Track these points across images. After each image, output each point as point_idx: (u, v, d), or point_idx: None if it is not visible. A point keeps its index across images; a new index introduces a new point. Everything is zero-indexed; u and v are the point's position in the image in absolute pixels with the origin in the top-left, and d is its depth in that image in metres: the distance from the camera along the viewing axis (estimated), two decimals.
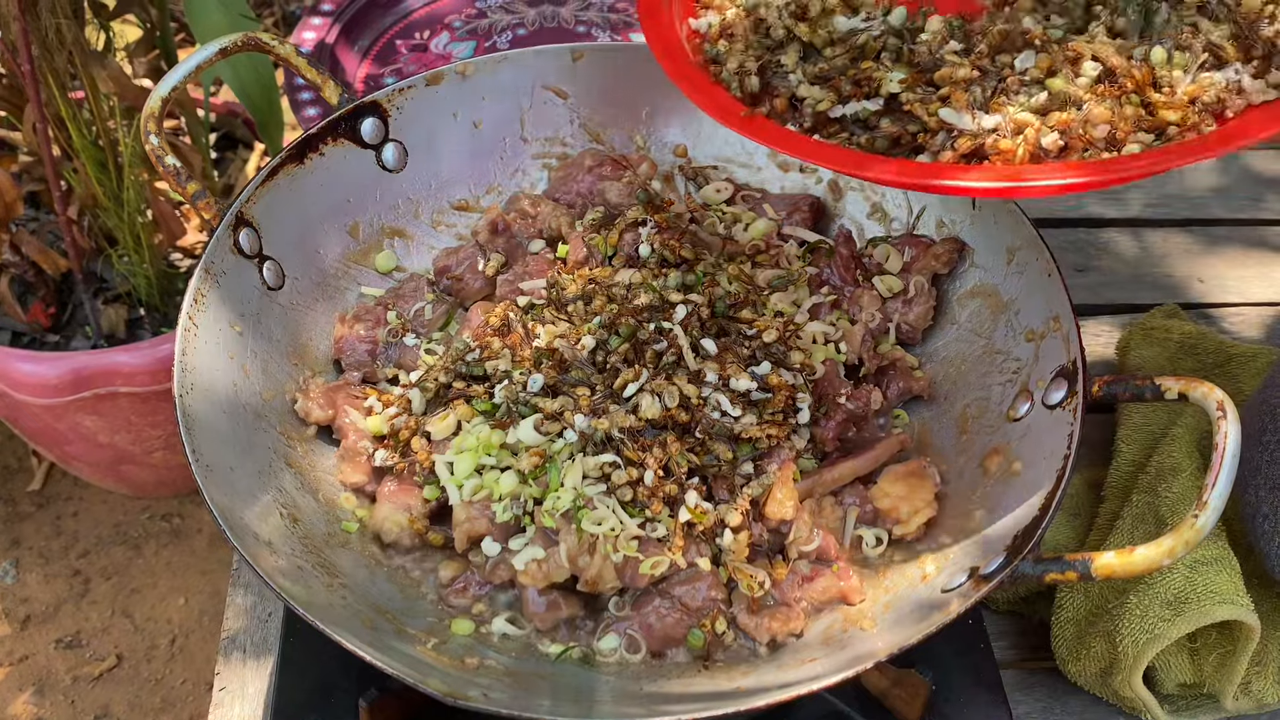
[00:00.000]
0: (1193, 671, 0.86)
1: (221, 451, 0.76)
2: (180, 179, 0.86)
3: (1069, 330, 0.80)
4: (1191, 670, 0.86)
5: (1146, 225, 1.28)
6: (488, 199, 1.01)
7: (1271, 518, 0.83)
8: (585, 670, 0.75)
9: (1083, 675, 0.87)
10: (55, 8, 1.19)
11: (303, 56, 0.92)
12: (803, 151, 0.78)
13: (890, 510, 0.82)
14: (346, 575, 0.76)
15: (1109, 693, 0.86)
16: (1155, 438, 0.97)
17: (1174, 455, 0.91)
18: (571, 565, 0.76)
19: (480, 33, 1.43)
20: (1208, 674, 0.85)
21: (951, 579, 0.74)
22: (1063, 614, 0.87)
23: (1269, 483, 0.83)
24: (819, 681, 0.65)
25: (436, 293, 0.94)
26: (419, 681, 0.65)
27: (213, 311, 0.81)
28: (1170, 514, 0.86)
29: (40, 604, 1.68)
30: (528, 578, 0.76)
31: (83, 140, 1.31)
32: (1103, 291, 1.21)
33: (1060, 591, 0.88)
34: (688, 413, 0.79)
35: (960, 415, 0.87)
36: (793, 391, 0.83)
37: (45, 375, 1.37)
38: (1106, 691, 0.87)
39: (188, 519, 1.79)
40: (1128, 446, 0.97)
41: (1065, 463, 0.74)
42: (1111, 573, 0.67)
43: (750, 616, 0.76)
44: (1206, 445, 0.91)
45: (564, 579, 0.76)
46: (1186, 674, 0.86)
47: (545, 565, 0.76)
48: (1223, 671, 0.84)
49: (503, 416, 0.81)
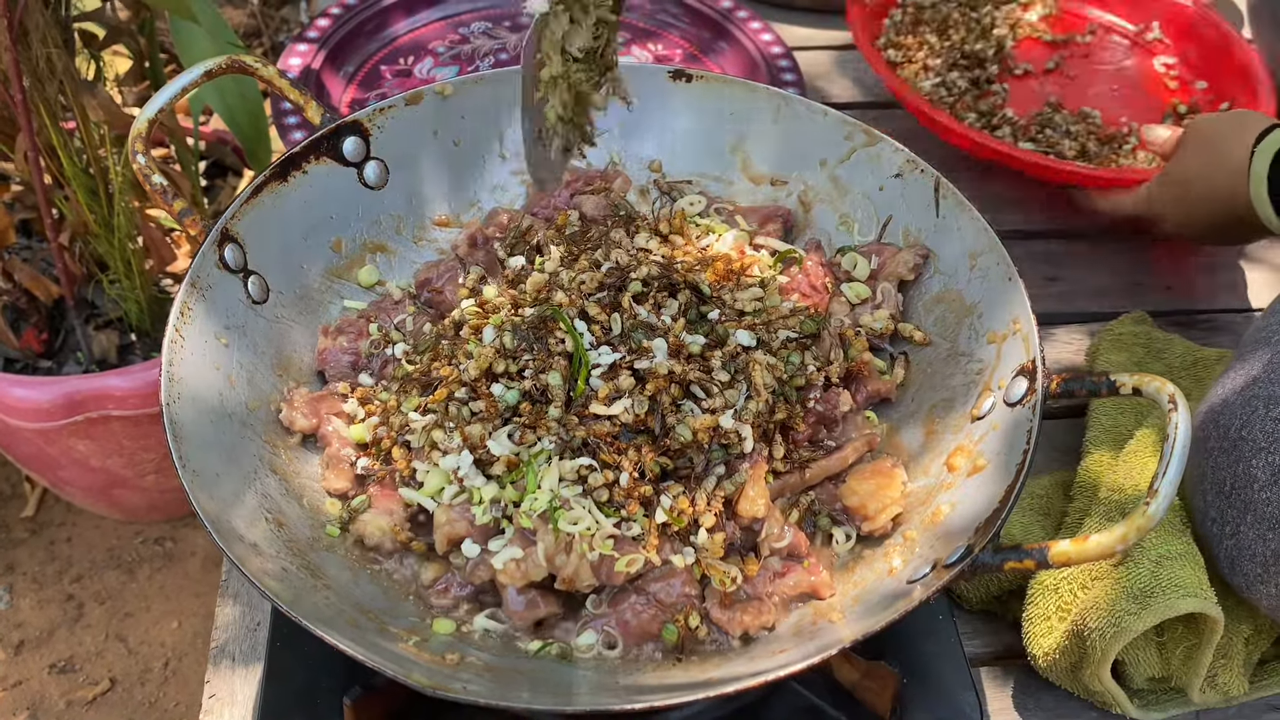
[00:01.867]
0: (1161, 665, 0.88)
1: (208, 458, 0.78)
2: (167, 197, 0.89)
3: (1029, 331, 0.83)
4: (1160, 664, 0.88)
5: (1115, 234, 1.30)
6: (468, 214, 1.04)
7: (1219, 521, 0.86)
8: (563, 665, 0.77)
9: (1054, 670, 0.88)
10: (46, 38, 1.22)
11: (285, 79, 0.95)
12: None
13: (859, 508, 0.84)
14: (331, 577, 0.78)
15: (1080, 687, 0.88)
16: (1123, 439, 0.99)
17: (1140, 455, 0.94)
18: (549, 564, 0.78)
19: (463, 58, 1.46)
20: (1175, 667, 0.87)
21: (917, 571, 0.76)
22: (1033, 610, 0.89)
23: (1215, 488, 0.86)
24: (788, 667, 0.67)
25: (418, 305, 0.97)
26: (402, 675, 0.67)
27: (199, 324, 0.84)
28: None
29: (34, 629, 1.69)
30: (506, 577, 0.78)
31: (74, 168, 1.33)
32: (1073, 300, 1.23)
33: (1031, 589, 0.90)
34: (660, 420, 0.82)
35: (927, 415, 0.90)
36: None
37: (38, 400, 1.38)
38: (1077, 686, 0.88)
39: (181, 543, 1.80)
40: (1095, 447, 0.99)
41: (1024, 457, 0.76)
42: (1068, 559, 0.69)
43: (723, 611, 0.78)
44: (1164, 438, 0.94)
45: (542, 578, 0.78)
46: (1155, 668, 0.87)
47: (523, 565, 0.78)
48: (1189, 665, 0.86)
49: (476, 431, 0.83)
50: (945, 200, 0.94)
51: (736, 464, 0.82)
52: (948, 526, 0.78)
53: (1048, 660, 0.88)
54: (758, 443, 0.83)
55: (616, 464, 0.80)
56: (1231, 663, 0.89)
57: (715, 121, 1.03)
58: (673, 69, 1.03)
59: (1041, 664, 0.88)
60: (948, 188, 0.94)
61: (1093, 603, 0.84)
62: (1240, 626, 0.89)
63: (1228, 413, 0.86)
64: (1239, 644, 0.89)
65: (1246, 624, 0.90)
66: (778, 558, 0.82)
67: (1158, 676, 0.88)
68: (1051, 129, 1.34)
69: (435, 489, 0.82)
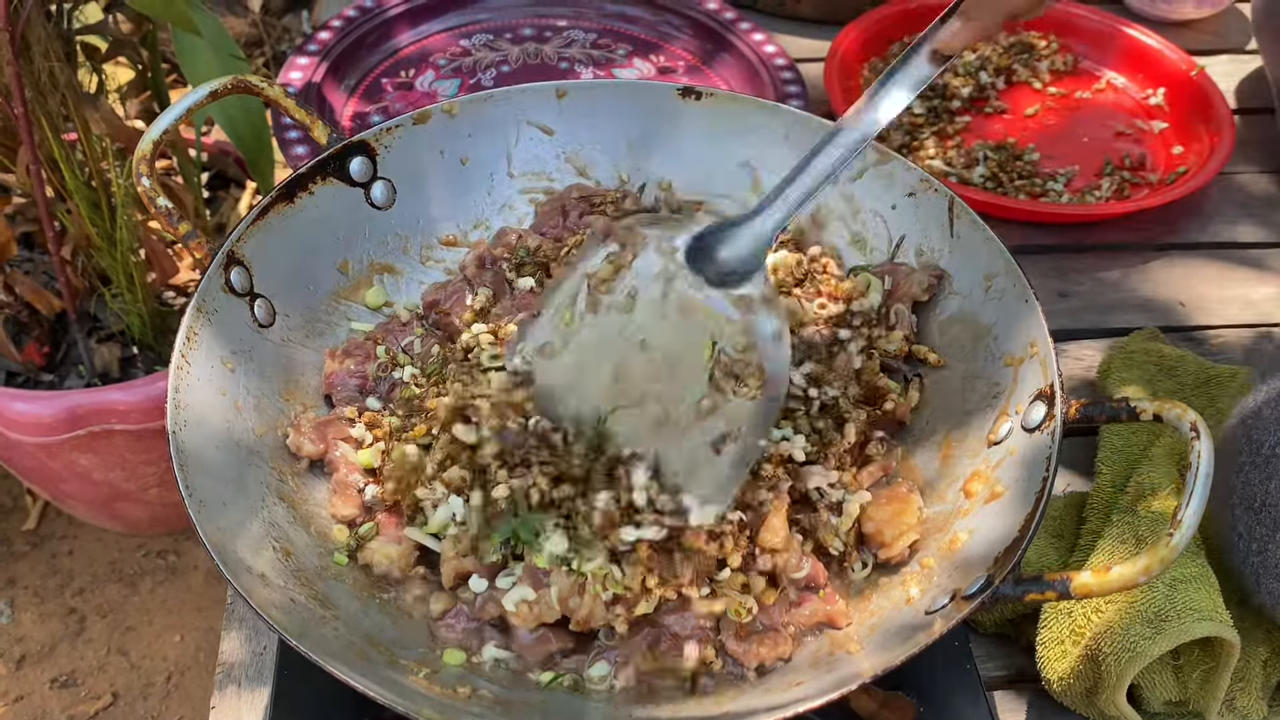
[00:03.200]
0: (1178, 689, 0.87)
1: (215, 487, 0.77)
2: (172, 220, 0.88)
3: (1046, 354, 0.82)
4: (1176, 688, 0.87)
5: (1126, 250, 1.30)
6: (475, 234, 1.03)
7: (1246, 537, 0.85)
8: (575, 698, 0.76)
9: (1069, 695, 0.87)
10: (48, 51, 1.21)
11: (291, 97, 0.94)
12: None
13: (875, 534, 0.83)
14: (339, 607, 0.77)
15: (1095, 712, 0.87)
16: (1134, 459, 0.98)
17: (1152, 476, 0.93)
18: (562, 606, 0.76)
19: (465, 70, 1.45)
20: (1192, 691, 0.86)
21: (935, 601, 0.75)
22: (1047, 634, 0.88)
23: (1244, 503, 0.85)
24: (806, 703, 0.67)
25: (425, 327, 0.96)
26: (412, 711, 0.66)
27: (205, 349, 0.83)
28: (1149, 533, 0.87)
29: (35, 643, 1.68)
30: (519, 619, 0.76)
31: (76, 181, 1.32)
32: (1084, 316, 1.22)
33: (1044, 613, 0.89)
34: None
35: (943, 440, 0.89)
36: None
37: (40, 414, 1.37)
38: (1093, 711, 0.87)
39: (183, 556, 1.79)
40: (1108, 468, 0.98)
41: (1044, 484, 0.75)
42: (1089, 591, 0.68)
43: (739, 643, 0.77)
44: (1184, 466, 0.93)
45: (555, 619, 0.77)
46: (1171, 691, 0.87)
47: (536, 607, 0.76)
48: (1206, 688, 0.85)
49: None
50: (959, 220, 0.93)
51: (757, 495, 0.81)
52: (966, 555, 0.77)
53: (1062, 685, 0.87)
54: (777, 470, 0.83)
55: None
56: (1250, 686, 0.88)
57: (725, 139, 1.02)
58: (682, 87, 1.02)
59: (1056, 689, 0.88)
60: (961, 207, 0.93)
61: (1107, 627, 0.83)
62: (1258, 649, 0.88)
63: (1260, 428, 0.85)
64: (1257, 667, 0.89)
65: (1264, 647, 0.89)
66: (794, 588, 0.81)
67: (1174, 700, 0.87)
68: (979, 162, 1.37)
69: (440, 525, 0.81)
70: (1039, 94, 1.50)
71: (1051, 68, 1.52)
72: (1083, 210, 1.29)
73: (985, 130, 1.43)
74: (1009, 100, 1.48)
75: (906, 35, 1.53)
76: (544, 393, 0.80)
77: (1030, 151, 1.39)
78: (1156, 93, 1.49)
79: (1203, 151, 1.36)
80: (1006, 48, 1.53)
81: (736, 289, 0.75)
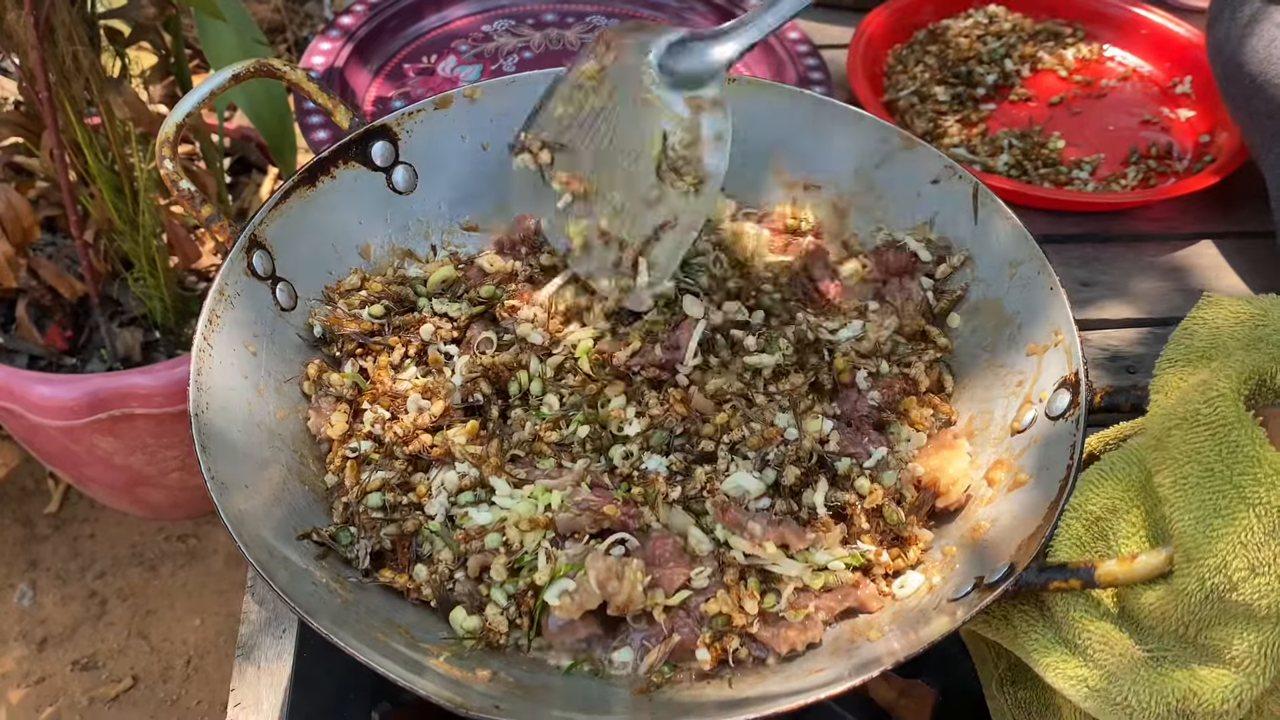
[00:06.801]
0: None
1: (236, 469, 0.77)
2: (195, 203, 0.88)
3: (1071, 342, 0.81)
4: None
5: (1152, 240, 1.28)
6: (496, 219, 1.02)
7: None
8: (596, 682, 0.76)
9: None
10: (72, 35, 1.21)
11: (314, 81, 0.93)
12: None
13: (931, 481, 0.83)
14: (359, 589, 0.77)
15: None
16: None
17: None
18: (602, 591, 0.76)
19: (486, 56, 1.45)
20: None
21: (958, 589, 0.74)
22: None
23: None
24: (828, 689, 0.66)
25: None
26: (431, 693, 0.66)
27: (227, 332, 0.83)
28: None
29: (57, 625, 1.69)
30: (562, 612, 0.75)
31: (99, 166, 1.32)
32: (1108, 305, 1.21)
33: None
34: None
35: (965, 427, 0.88)
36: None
37: (62, 398, 1.38)
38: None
39: (204, 540, 1.80)
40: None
41: (1068, 472, 0.74)
42: (1114, 580, 0.68)
43: (768, 628, 0.76)
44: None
45: (595, 605, 0.76)
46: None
47: (578, 596, 0.75)
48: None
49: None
50: (984, 207, 0.92)
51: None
52: (988, 543, 0.77)
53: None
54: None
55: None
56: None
57: (748, 125, 1.01)
58: None
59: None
60: (986, 194, 0.92)
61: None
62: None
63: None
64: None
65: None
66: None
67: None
68: (1003, 150, 1.37)
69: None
70: (1064, 82, 1.48)
71: (1077, 55, 1.51)
72: (1108, 199, 1.28)
73: (1010, 118, 1.42)
74: (1034, 88, 1.47)
75: (931, 21, 1.52)
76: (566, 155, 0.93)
77: (1055, 139, 1.38)
78: (1184, 80, 1.47)
79: (1230, 140, 1.35)
80: (1032, 35, 1.52)
81: (692, 91, 0.85)
